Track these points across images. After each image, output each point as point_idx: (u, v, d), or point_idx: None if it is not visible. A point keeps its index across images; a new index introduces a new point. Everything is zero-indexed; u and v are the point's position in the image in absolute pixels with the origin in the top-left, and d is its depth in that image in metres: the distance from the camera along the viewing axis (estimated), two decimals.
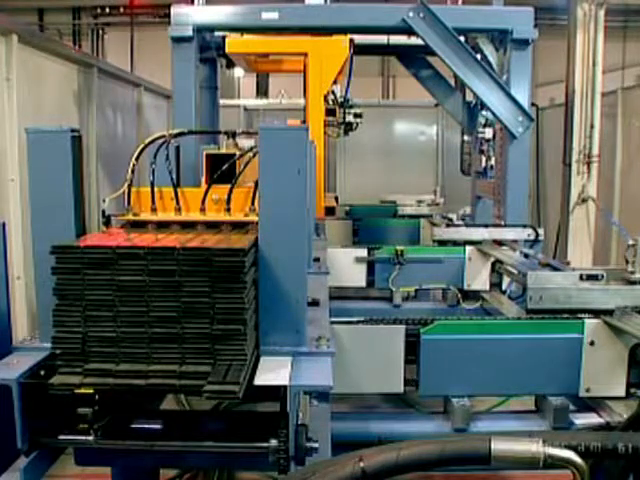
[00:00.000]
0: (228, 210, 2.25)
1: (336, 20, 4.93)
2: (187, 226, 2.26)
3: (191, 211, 2.30)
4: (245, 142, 2.54)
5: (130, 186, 2.30)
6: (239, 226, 2.23)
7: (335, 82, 4.98)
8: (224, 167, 2.29)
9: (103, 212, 2.22)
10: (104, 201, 2.22)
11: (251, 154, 2.31)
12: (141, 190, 2.33)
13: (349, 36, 4.78)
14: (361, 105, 5.65)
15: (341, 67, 4.83)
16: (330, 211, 5.10)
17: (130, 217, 2.30)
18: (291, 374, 1.81)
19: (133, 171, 2.31)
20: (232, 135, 2.53)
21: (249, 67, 6.02)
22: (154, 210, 2.31)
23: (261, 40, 5.05)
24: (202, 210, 2.27)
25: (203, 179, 2.46)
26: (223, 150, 2.55)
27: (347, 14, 4.92)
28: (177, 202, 2.30)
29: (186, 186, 2.41)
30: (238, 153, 2.37)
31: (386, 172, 9.35)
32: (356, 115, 5.45)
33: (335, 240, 5.36)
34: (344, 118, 5.38)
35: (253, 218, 2.16)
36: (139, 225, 2.29)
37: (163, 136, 2.41)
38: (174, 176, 2.36)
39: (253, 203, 2.22)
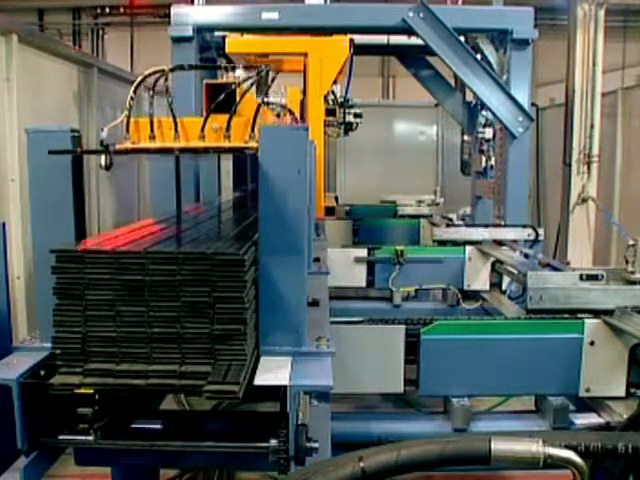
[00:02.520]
0: (228, 137, 2.20)
1: (336, 20, 4.93)
2: (186, 151, 2.21)
3: (190, 140, 2.26)
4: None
5: (129, 117, 2.27)
6: (238, 151, 2.18)
7: (335, 82, 4.98)
8: (222, 95, 2.24)
9: (101, 142, 2.19)
10: (102, 130, 2.20)
11: (249, 83, 2.27)
12: (140, 120, 2.30)
13: (349, 36, 4.78)
14: (361, 105, 5.65)
15: (341, 67, 4.82)
16: (330, 211, 5.10)
17: (128, 145, 2.27)
18: (291, 374, 1.81)
19: (132, 99, 2.29)
20: (232, 69, 2.49)
21: (206, 109, 5.94)
22: (152, 138, 2.27)
23: (261, 40, 5.04)
24: (201, 138, 2.23)
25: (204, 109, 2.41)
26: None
27: (347, 14, 4.92)
28: (176, 130, 2.25)
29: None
30: (237, 81, 2.33)
31: (386, 172, 9.35)
32: (356, 115, 5.45)
33: (335, 240, 5.36)
34: (344, 118, 5.38)
35: (253, 144, 2.13)
36: (138, 152, 2.24)
37: (162, 70, 2.39)
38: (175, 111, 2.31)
39: (253, 130, 2.19)
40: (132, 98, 2.27)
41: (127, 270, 1.74)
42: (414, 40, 5.25)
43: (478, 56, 4.97)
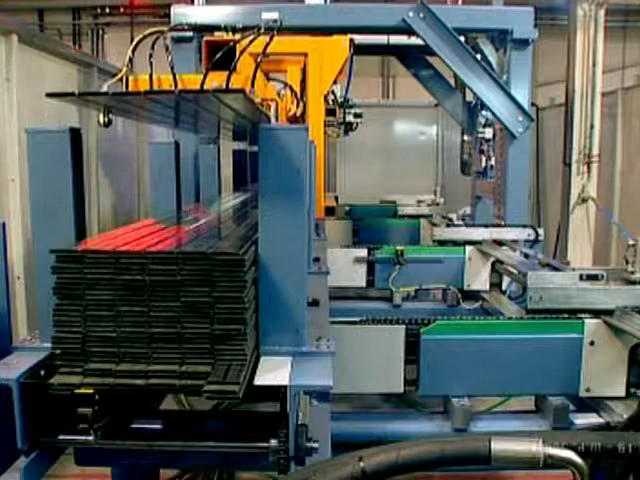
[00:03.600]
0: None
1: (336, 20, 4.93)
2: (186, 94, 2.17)
3: None
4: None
5: (127, 75, 2.25)
6: (236, 92, 2.15)
7: (335, 82, 4.98)
8: (221, 52, 2.22)
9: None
10: (101, 87, 2.18)
11: (249, 40, 2.25)
12: (139, 78, 2.28)
13: (349, 36, 4.78)
14: (361, 105, 5.66)
15: (341, 67, 4.83)
16: (330, 211, 5.11)
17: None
18: (291, 374, 1.81)
19: (131, 60, 2.27)
20: (232, 30, 2.47)
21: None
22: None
23: (261, 40, 5.04)
24: None
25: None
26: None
27: (347, 14, 4.92)
28: (175, 86, 2.22)
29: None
30: (237, 37, 2.31)
31: (386, 172, 9.37)
32: (356, 115, 5.46)
33: (335, 240, 5.36)
34: (344, 118, 5.39)
35: (254, 99, 2.10)
36: (136, 94, 2.20)
37: (160, 31, 2.38)
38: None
39: (253, 87, 2.16)
40: (130, 59, 2.25)
41: (127, 270, 1.74)
42: (414, 40, 5.25)
43: (478, 56, 4.97)
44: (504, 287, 4.29)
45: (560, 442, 1.36)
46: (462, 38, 4.91)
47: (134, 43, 2.30)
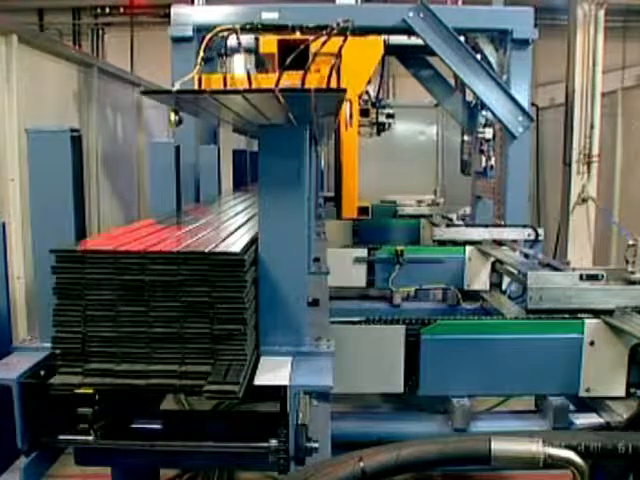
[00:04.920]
0: None
1: (336, 20, 4.92)
2: (257, 92, 2.14)
3: None
4: None
5: (200, 73, 2.24)
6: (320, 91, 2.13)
7: (369, 82, 4.96)
8: (295, 52, 2.21)
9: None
10: (173, 85, 2.19)
11: (322, 40, 2.24)
12: (212, 76, 2.27)
13: (383, 37, 4.75)
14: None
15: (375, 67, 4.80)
16: (364, 211, 5.07)
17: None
18: (291, 374, 1.81)
19: (204, 59, 2.27)
20: (299, 29, 2.44)
21: (279, 67, 5.87)
22: None
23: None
24: None
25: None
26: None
27: (347, 14, 4.91)
28: (249, 86, 2.21)
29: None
30: (310, 38, 2.30)
31: (386, 172, 9.36)
32: (389, 115, 5.45)
33: (335, 240, 5.36)
34: (377, 118, 5.37)
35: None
36: (206, 93, 2.21)
37: (229, 29, 2.38)
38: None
39: (328, 84, 2.14)
40: (203, 58, 2.26)
41: (127, 270, 1.74)
42: (414, 40, 5.25)
43: (478, 56, 4.97)
44: (504, 287, 4.29)
45: (560, 442, 1.36)
46: (462, 38, 4.91)
47: (207, 39, 2.31)
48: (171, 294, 1.74)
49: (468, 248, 4.42)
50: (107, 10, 10.71)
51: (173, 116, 2.08)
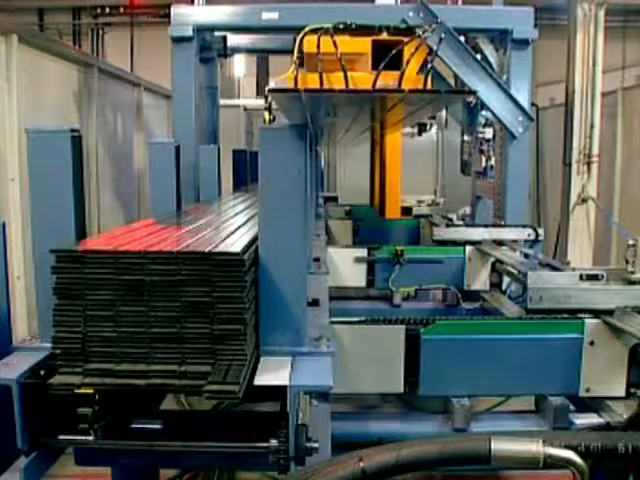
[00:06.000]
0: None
1: (336, 20, 4.92)
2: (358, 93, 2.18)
3: None
4: None
5: (297, 71, 2.25)
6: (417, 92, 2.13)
7: None
8: (392, 53, 2.22)
9: (266, 97, 2.17)
10: (267, 83, 2.22)
11: (419, 41, 2.25)
12: (308, 74, 2.28)
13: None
14: None
15: None
16: (407, 211, 5.05)
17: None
18: (291, 374, 1.81)
19: (299, 58, 2.29)
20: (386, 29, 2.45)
21: (315, 67, 5.79)
22: None
23: (348, 40, 4.97)
24: None
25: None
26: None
27: (347, 14, 4.91)
28: (346, 84, 2.22)
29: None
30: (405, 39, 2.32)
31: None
32: (431, 116, 5.43)
33: (335, 240, 5.37)
34: None
35: None
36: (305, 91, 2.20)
37: (325, 29, 2.39)
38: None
39: (425, 85, 2.14)
40: (298, 57, 2.26)
41: (127, 270, 1.74)
42: None
43: (478, 56, 4.96)
44: (504, 287, 4.29)
45: (560, 442, 1.36)
46: (462, 38, 4.91)
47: (299, 38, 2.33)
48: (171, 294, 1.74)
49: (468, 248, 4.42)
50: (107, 10, 10.71)
51: (267, 115, 2.11)
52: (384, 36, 2.47)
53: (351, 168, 9.90)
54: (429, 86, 2.19)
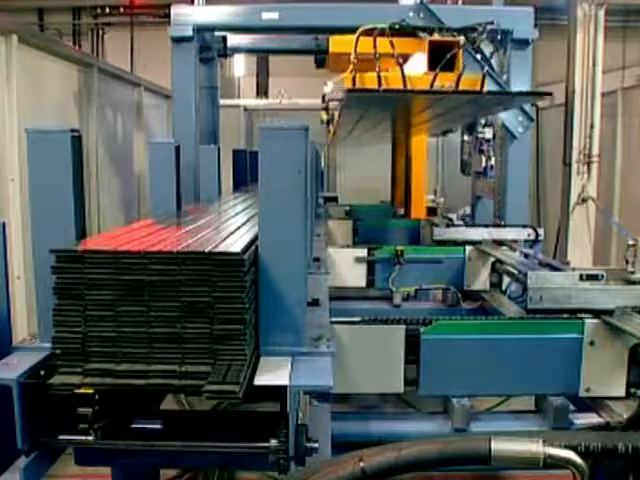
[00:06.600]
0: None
1: (336, 20, 4.93)
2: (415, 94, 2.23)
3: None
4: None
5: (355, 72, 2.27)
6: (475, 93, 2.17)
7: None
8: (449, 55, 2.26)
9: (323, 97, 2.18)
10: (326, 84, 2.24)
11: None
12: (365, 75, 2.29)
13: None
14: None
15: None
16: (432, 211, 5.05)
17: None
18: (291, 374, 1.81)
19: (357, 58, 2.31)
20: (446, 30, 2.49)
21: (339, 67, 5.70)
22: None
23: (367, 40, 4.93)
24: None
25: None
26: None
27: (347, 14, 4.92)
28: (404, 84, 2.24)
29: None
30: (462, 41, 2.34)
31: (386, 172, 9.35)
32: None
33: (335, 240, 5.36)
34: None
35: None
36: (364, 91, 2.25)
37: (380, 29, 2.40)
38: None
39: (482, 86, 2.15)
40: (356, 57, 2.28)
41: (127, 270, 1.74)
42: None
43: (478, 56, 4.96)
44: (504, 287, 4.29)
45: (560, 442, 1.36)
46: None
47: (356, 37, 2.34)
48: (171, 294, 1.74)
49: (468, 248, 4.41)
50: (107, 10, 10.72)
51: (325, 115, 2.15)
52: (436, 37, 2.51)
53: (352, 168, 9.90)
54: (485, 88, 2.22)
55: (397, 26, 2.86)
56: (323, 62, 5.79)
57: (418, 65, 2.49)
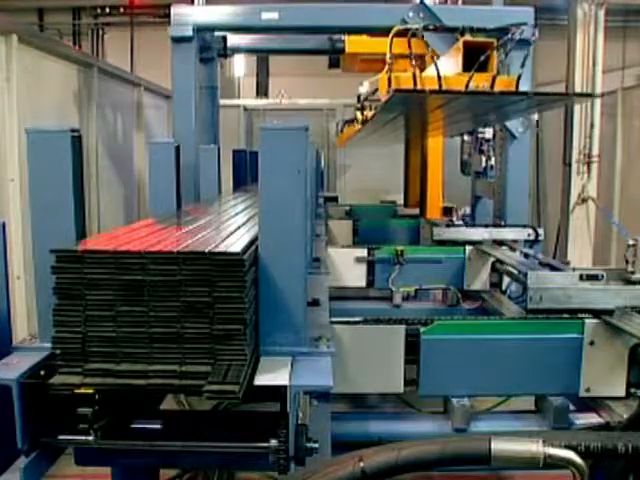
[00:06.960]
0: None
1: (336, 20, 4.93)
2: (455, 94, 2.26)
3: None
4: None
5: (390, 72, 2.28)
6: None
7: None
8: (483, 56, 2.28)
9: (359, 97, 2.19)
10: (362, 84, 2.26)
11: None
12: (401, 75, 2.29)
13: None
14: None
15: None
16: (447, 211, 5.04)
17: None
18: (291, 374, 1.81)
19: (391, 58, 2.33)
20: (470, 30, 2.52)
21: (357, 68, 5.70)
22: None
23: (381, 41, 4.90)
24: None
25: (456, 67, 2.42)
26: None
27: (347, 14, 4.92)
28: (440, 85, 2.25)
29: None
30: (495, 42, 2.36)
31: (386, 172, 9.35)
32: None
33: (335, 240, 5.37)
34: None
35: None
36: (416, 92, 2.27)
37: (413, 29, 2.41)
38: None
39: (517, 87, 2.16)
40: (390, 57, 2.30)
41: (127, 270, 1.74)
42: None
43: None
44: (504, 287, 4.29)
45: (560, 442, 1.36)
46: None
47: (391, 37, 2.36)
48: (171, 294, 1.74)
49: (468, 248, 4.41)
50: (107, 10, 10.72)
51: (360, 115, 2.16)
52: (468, 38, 2.52)
53: (352, 168, 9.89)
54: (520, 88, 2.24)
55: (431, 26, 2.87)
56: (337, 62, 5.79)
57: (443, 65, 2.49)
